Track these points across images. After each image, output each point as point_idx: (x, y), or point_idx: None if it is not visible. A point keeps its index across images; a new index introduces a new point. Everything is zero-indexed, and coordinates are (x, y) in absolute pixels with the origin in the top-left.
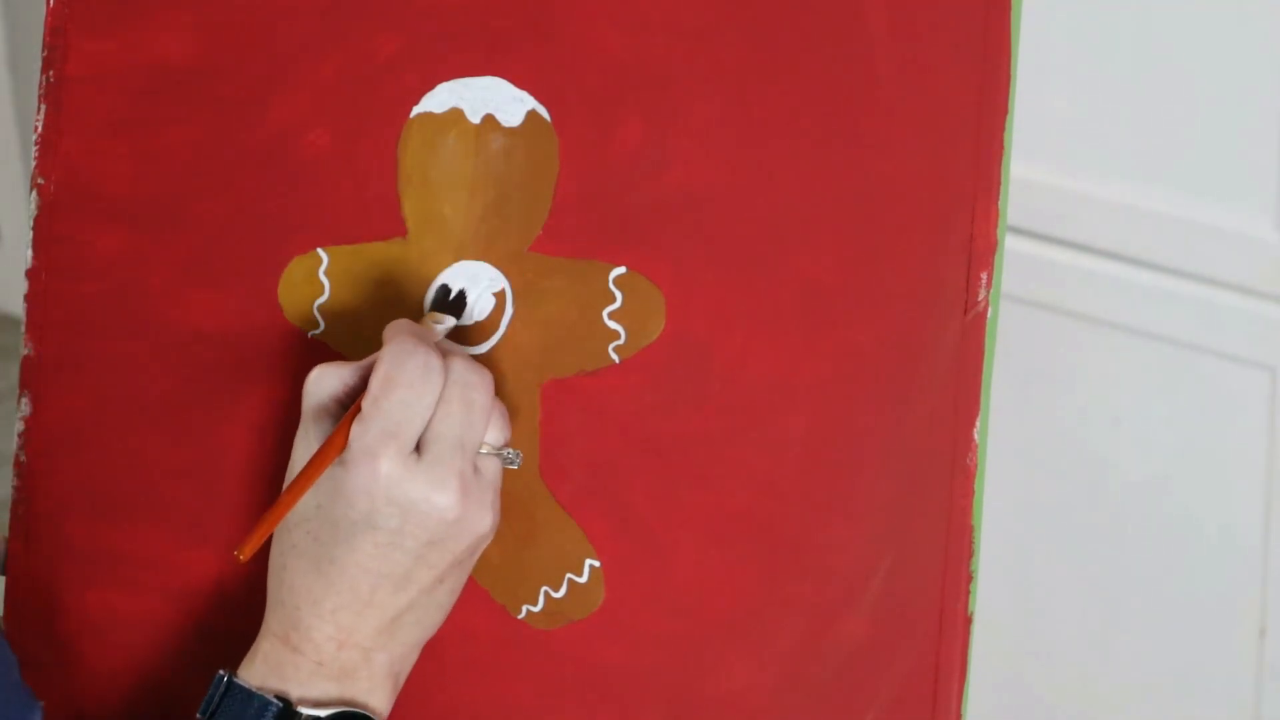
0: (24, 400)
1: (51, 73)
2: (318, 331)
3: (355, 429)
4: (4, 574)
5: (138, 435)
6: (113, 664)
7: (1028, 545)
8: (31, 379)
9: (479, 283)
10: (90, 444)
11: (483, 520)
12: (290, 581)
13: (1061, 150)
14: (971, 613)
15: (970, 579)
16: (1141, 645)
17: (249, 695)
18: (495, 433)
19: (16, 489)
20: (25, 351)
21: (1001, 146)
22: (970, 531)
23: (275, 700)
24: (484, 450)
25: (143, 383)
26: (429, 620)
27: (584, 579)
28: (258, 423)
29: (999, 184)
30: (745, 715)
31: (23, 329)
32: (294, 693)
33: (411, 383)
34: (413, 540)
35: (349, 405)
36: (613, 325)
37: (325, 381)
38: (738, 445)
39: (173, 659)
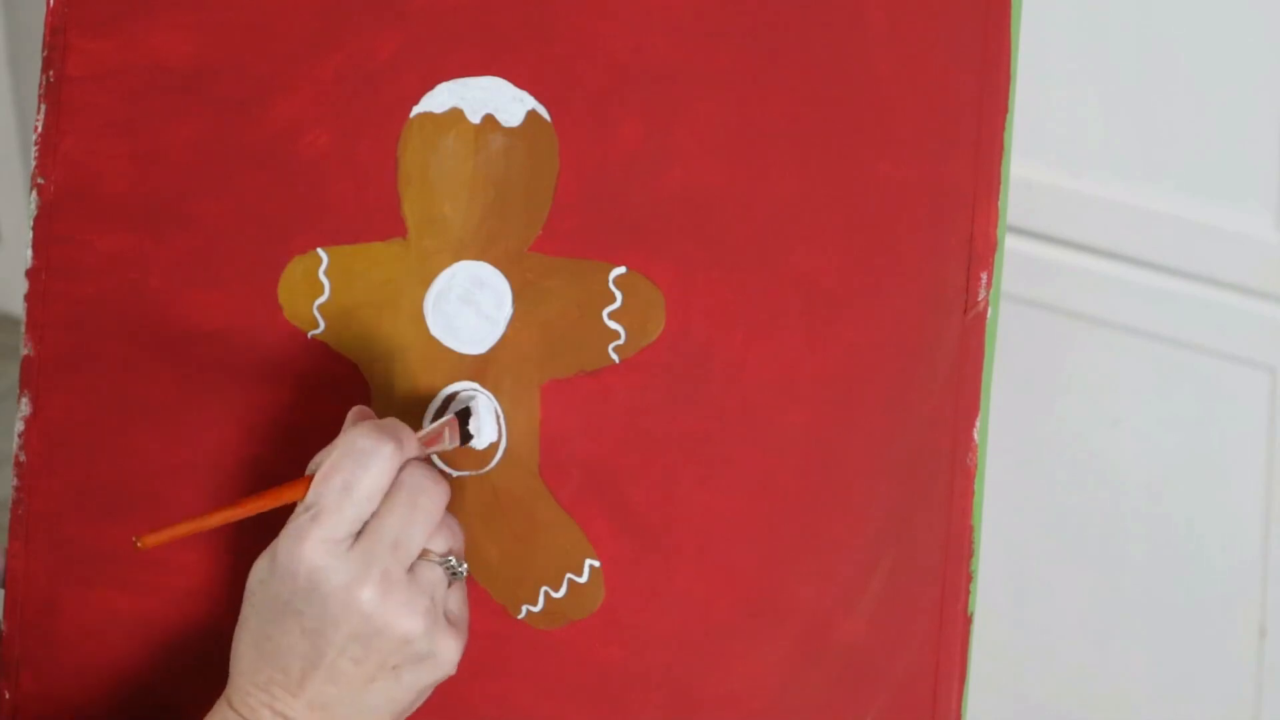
0: (24, 400)
1: (51, 73)
2: (318, 331)
3: (298, 509)
4: (3, 586)
5: (138, 435)
6: (113, 664)
7: (1028, 545)
8: (31, 379)
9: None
10: (90, 444)
11: (408, 623)
12: (236, 650)
13: (1061, 150)
14: (971, 613)
15: (970, 579)
16: (1141, 645)
17: None
18: (441, 542)
19: (16, 489)
20: (25, 351)
21: (1001, 146)
22: (970, 531)
23: None
24: (432, 559)
25: (143, 383)
26: (362, 717)
27: (584, 579)
28: (257, 423)
29: (999, 184)
30: (745, 715)
31: (23, 329)
32: None
33: (350, 470)
34: (335, 632)
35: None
36: (613, 325)
37: (318, 462)
38: (738, 445)
39: (173, 659)
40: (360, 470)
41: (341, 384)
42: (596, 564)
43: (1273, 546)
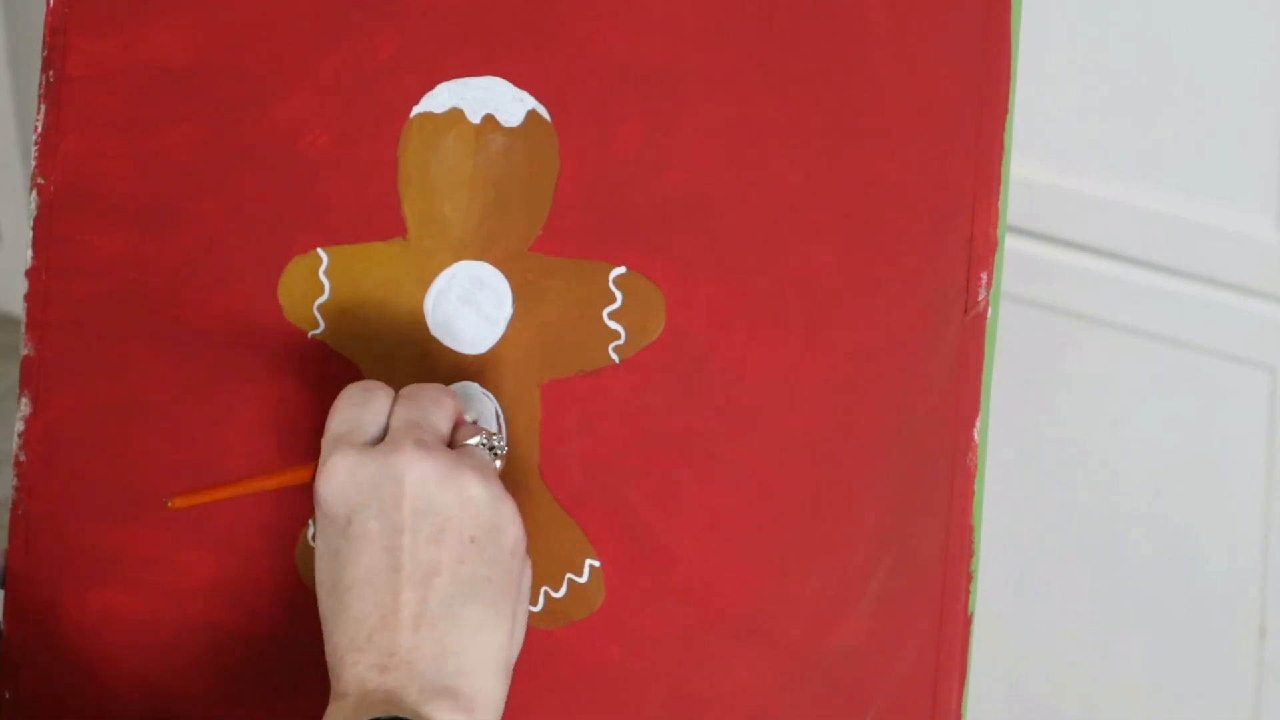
0: (24, 400)
1: (51, 73)
2: (318, 331)
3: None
4: (3, 587)
5: (138, 435)
6: (113, 664)
7: (1028, 545)
8: (31, 379)
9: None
10: (90, 444)
11: (466, 482)
12: (330, 639)
13: (1061, 150)
14: (971, 613)
15: (970, 579)
16: (1141, 645)
17: None
18: (467, 433)
19: (16, 489)
20: (25, 351)
21: (1001, 146)
22: (970, 531)
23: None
24: (468, 442)
25: (143, 383)
26: (471, 603)
27: (584, 579)
28: (257, 423)
29: (999, 184)
30: (745, 715)
31: (23, 329)
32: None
33: (353, 399)
34: (399, 516)
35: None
36: (613, 325)
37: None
38: (738, 445)
39: (173, 659)
40: (364, 394)
41: (341, 384)
42: (596, 564)
43: (1273, 546)
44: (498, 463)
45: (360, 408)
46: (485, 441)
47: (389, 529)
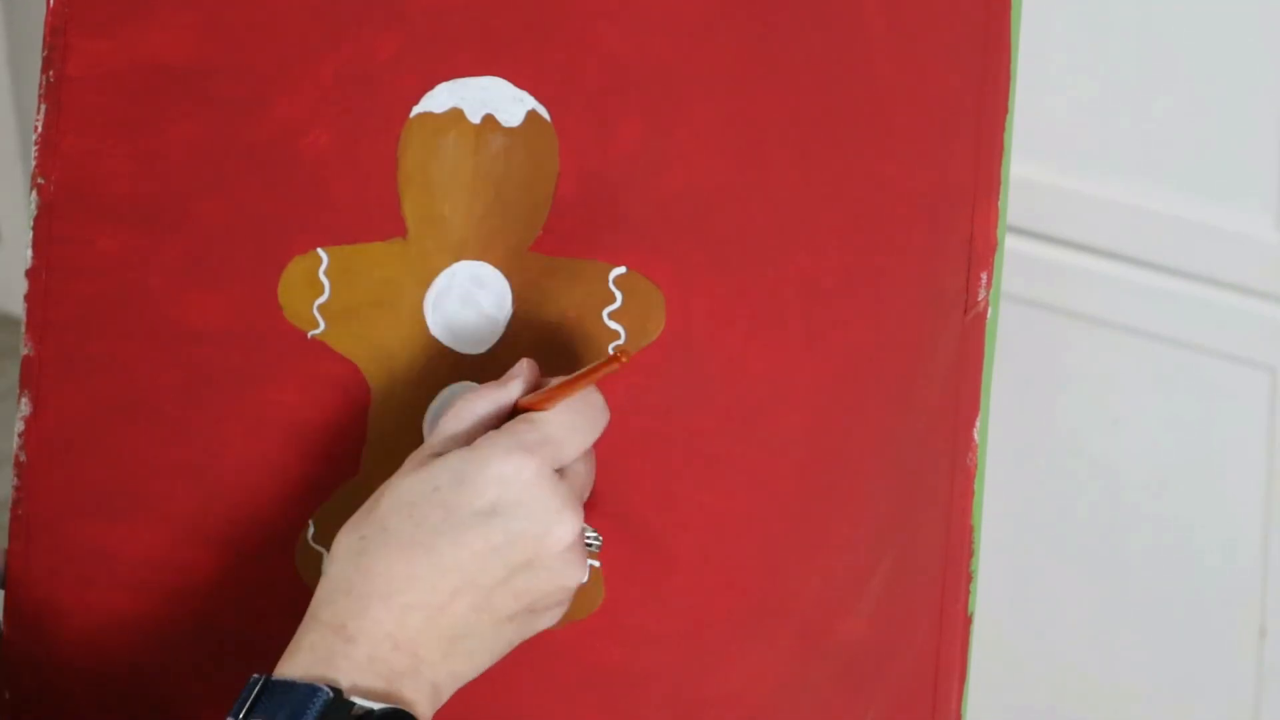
0: (24, 400)
1: (51, 73)
2: (318, 331)
3: (522, 428)
4: (3, 587)
5: (138, 435)
6: (113, 664)
7: (1028, 545)
8: (31, 379)
9: None
10: (90, 444)
11: (580, 573)
12: (368, 567)
13: (1061, 150)
14: (971, 613)
15: (970, 579)
16: (1141, 645)
17: (291, 686)
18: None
19: (16, 489)
20: (25, 351)
21: (1001, 146)
22: (970, 531)
23: (326, 688)
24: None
25: (143, 383)
26: (481, 657)
27: (584, 579)
28: (257, 423)
29: (999, 184)
30: (745, 715)
31: (23, 329)
32: (344, 682)
33: (585, 420)
34: (516, 553)
35: (495, 427)
36: (613, 325)
37: (479, 406)
38: (738, 445)
39: (173, 659)
40: (591, 427)
41: (341, 384)
42: (596, 564)
43: (1273, 546)
44: (593, 562)
45: (583, 431)
46: (591, 538)
47: (507, 548)
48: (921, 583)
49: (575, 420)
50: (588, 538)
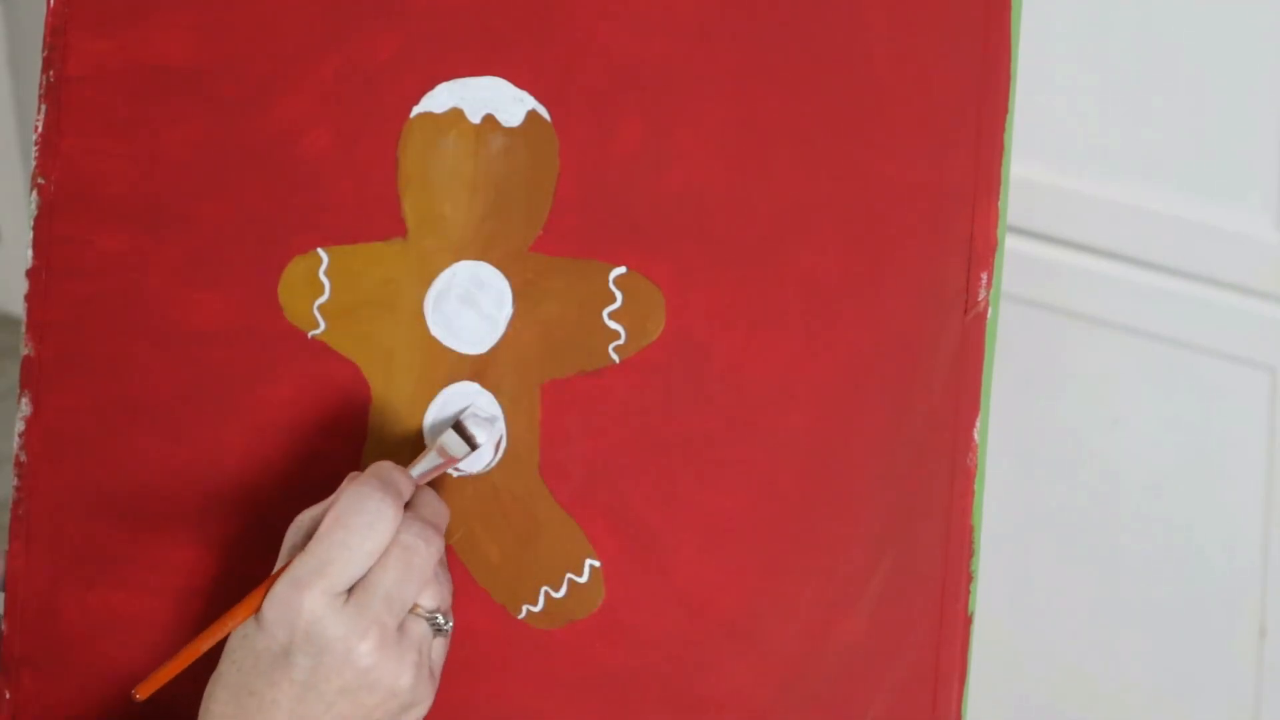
0: (24, 400)
1: (51, 73)
2: (318, 331)
3: (295, 561)
4: (3, 588)
5: (138, 435)
6: (113, 664)
7: (1028, 545)
8: (31, 379)
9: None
10: (90, 444)
11: (400, 677)
12: (209, 708)
13: (1061, 150)
14: (971, 613)
15: (970, 579)
16: (1141, 645)
17: None
18: (430, 598)
19: (16, 489)
20: (25, 351)
21: (1001, 146)
22: (970, 531)
23: None
24: (420, 613)
25: (143, 383)
26: None
27: (584, 579)
28: (257, 423)
29: (999, 184)
30: (745, 715)
31: (23, 329)
32: None
33: (356, 528)
34: (326, 685)
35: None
36: (613, 325)
37: (304, 521)
38: (738, 445)
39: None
40: (368, 531)
41: (341, 384)
42: (596, 564)
43: (1273, 546)
44: (440, 640)
45: (357, 540)
46: (431, 619)
47: (320, 682)
48: (921, 583)
49: (350, 539)
50: (436, 620)
